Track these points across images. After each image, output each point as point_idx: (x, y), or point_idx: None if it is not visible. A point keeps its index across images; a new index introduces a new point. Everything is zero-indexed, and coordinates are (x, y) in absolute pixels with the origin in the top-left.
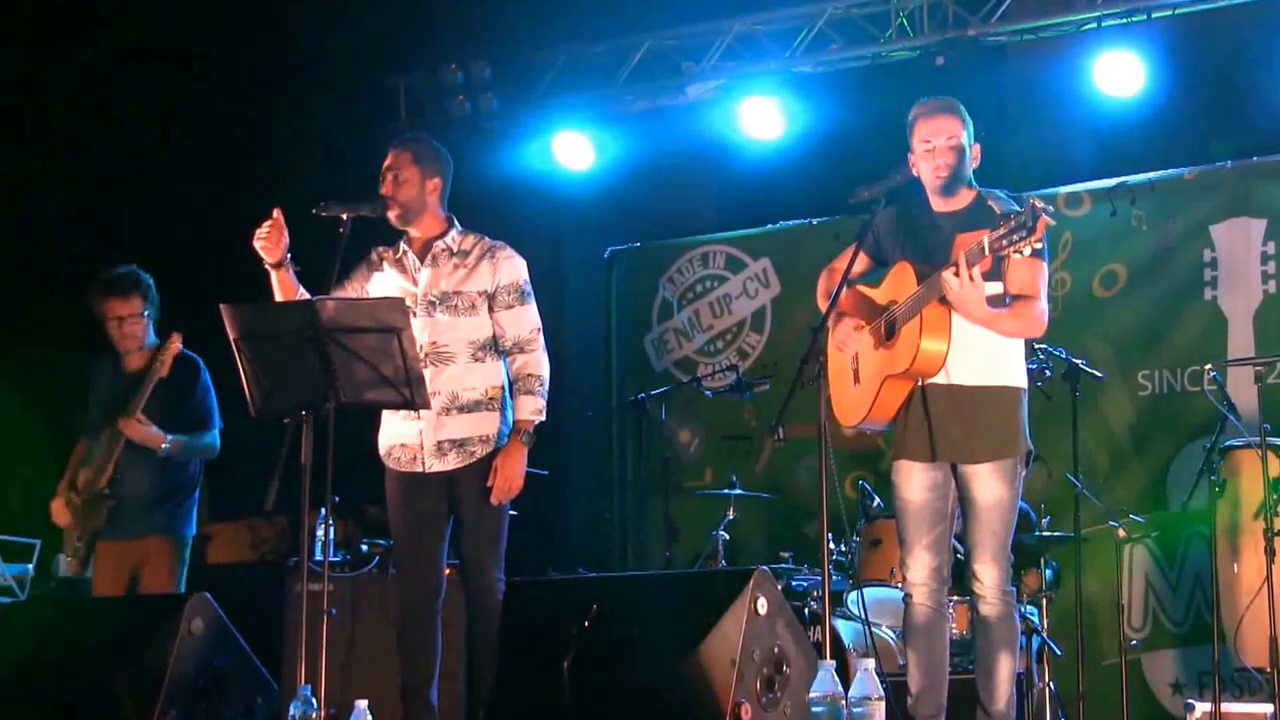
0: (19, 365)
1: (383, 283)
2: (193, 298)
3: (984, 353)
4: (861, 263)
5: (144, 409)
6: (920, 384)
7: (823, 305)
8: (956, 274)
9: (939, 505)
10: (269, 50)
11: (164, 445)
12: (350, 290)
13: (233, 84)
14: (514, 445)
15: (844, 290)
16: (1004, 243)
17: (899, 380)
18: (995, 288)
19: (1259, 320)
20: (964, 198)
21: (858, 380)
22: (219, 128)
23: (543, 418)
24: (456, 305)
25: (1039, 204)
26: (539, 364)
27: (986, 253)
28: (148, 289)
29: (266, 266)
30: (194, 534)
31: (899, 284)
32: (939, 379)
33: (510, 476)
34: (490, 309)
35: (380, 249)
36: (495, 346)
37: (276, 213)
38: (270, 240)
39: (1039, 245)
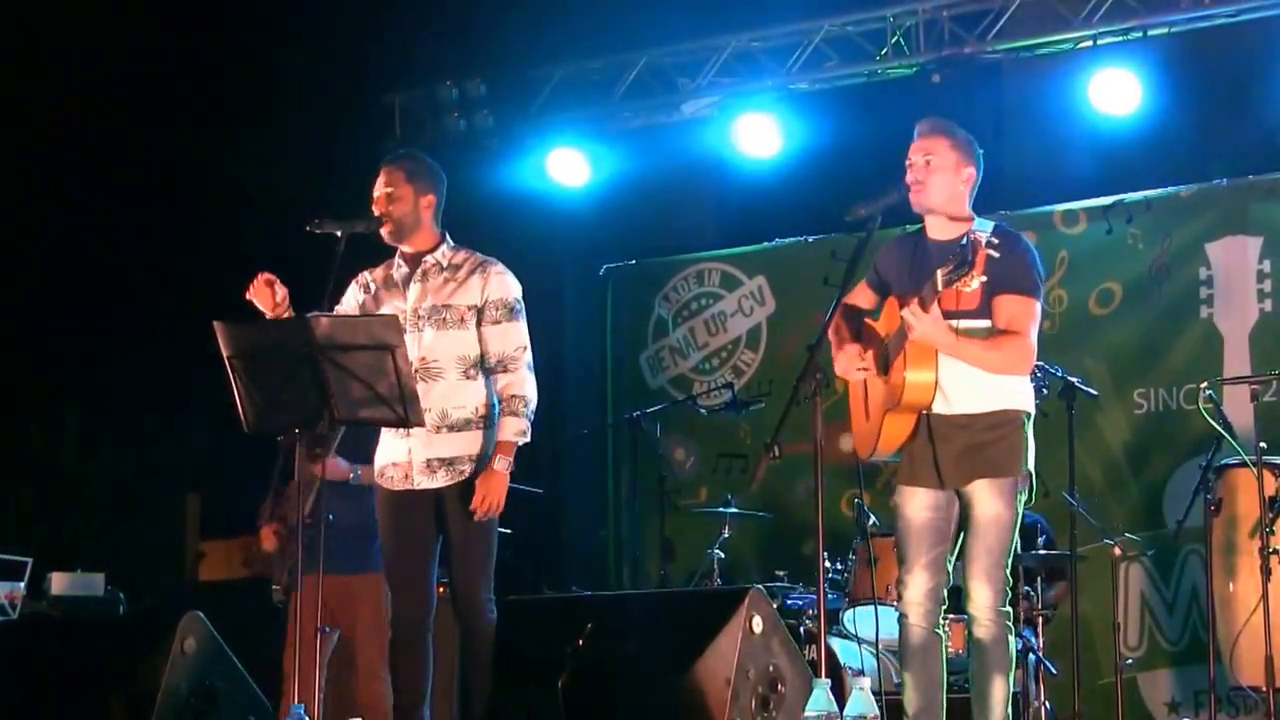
0: (20, 380)
1: (375, 306)
2: (190, 310)
3: (985, 379)
4: (868, 299)
5: (339, 444)
6: (925, 414)
7: (833, 341)
8: (914, 313)
9: (941, 526)
10: (265, 67)
11: (351, 477)
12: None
13: (228, 99)
14: (495, 467)
15: (858, 322)
16: (952, 277)
17: (897, 414)
18: (982, 323)
19: (1255, 338)
20: (958, 228)
21: (868, 415)
22: (215, 144)
23: (526, 439)
24: (445, 319)
25: (980, 238)
26: (523, 383)
27: (940, 288)
28: None
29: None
30: None
31: (891, 318)
32: (941, 409)
33: (491, 497)
34: (478, 324)
35: (368, 272)
36: (484, 364)
37: (259, 280)
38: (260, 300)
39: (983, 277)
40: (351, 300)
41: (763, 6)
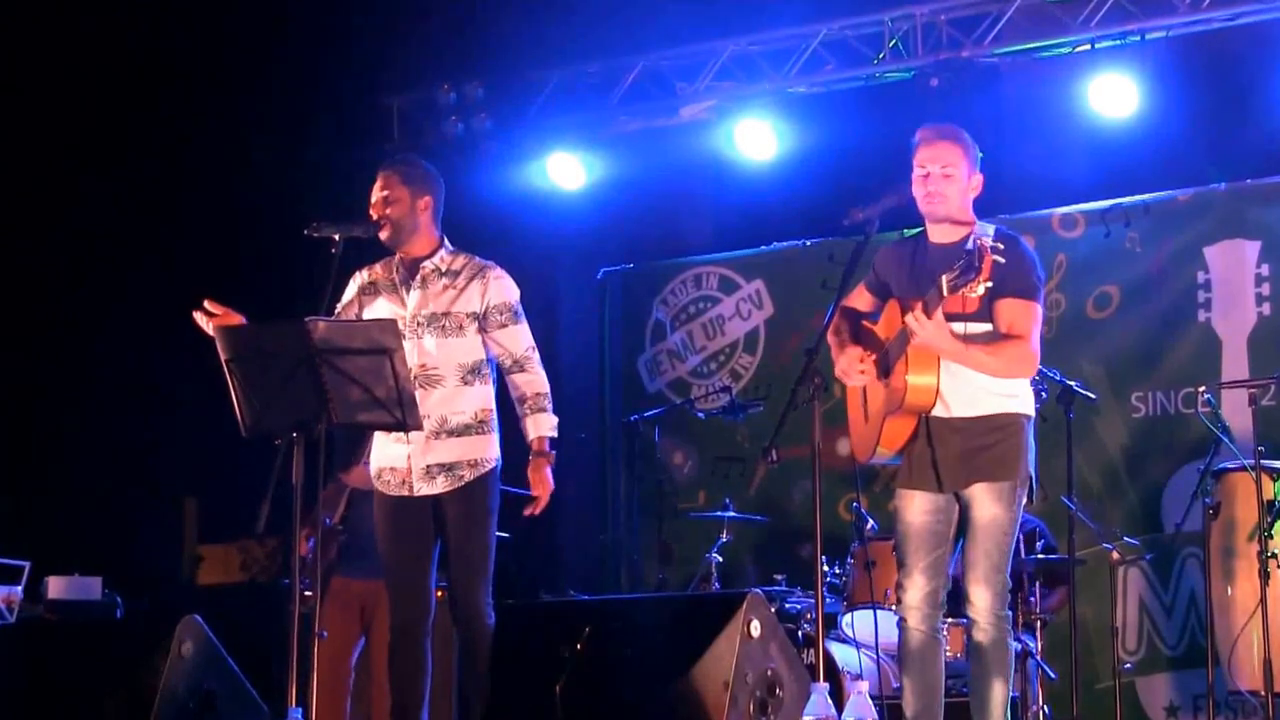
0: (19, 381)
1: (374, 306)
2: (189, 313)
3: (984, 382)
4: (867, 301)
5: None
6: (924, 417)
7: (833, 344)
8: (917, 318)
9: (941, 529)
10: (263, 70)
11: None
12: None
13: (226, 103)
14: (541, 461)
15: (858, 324)
16: (958, 283)
17: (898, 418)
18: (983, 326)
19: (1253, 342)
20: (959, 232)
21: (867, 418)
22: (212, 148)
23: (555, 432)
24: (445, 326)
25: (986, 243)
26: (542, 381)
27: (945, 294)
28: None
29: None
30: None
31: (891, 322)
32: (940, 413)
33: (545, 488)
34: (480, 330)
35: (366, 271)
36: (484, 369)
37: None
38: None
39: (989, 283)
40: (351, 295)
41: (760, 10)
